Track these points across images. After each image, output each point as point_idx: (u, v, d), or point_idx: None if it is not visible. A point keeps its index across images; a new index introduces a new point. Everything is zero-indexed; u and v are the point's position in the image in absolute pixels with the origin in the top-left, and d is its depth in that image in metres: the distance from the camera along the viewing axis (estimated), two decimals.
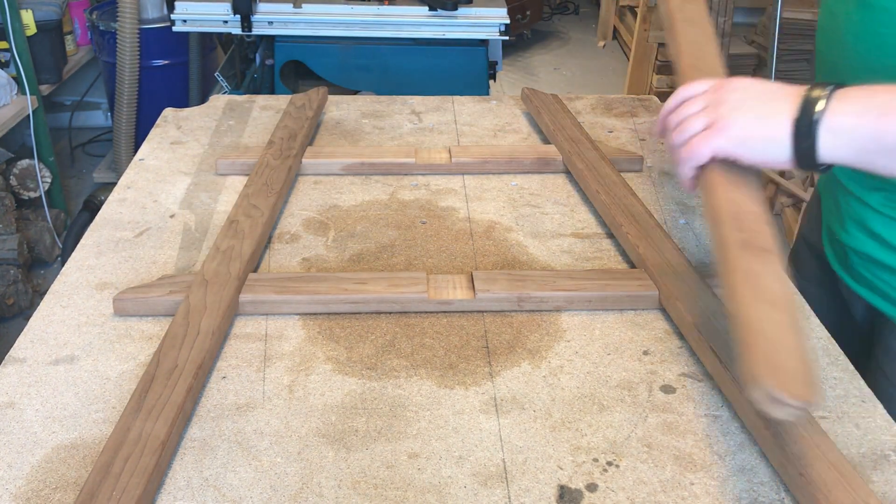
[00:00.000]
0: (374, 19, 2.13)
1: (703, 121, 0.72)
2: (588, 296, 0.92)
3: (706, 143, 0.71)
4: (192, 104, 2.43)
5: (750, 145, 0.70)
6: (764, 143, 0.69)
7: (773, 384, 0.57)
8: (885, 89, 0.67)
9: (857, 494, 0.65)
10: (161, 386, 0.75)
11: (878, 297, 0.97)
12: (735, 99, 0.71)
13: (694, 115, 0.73)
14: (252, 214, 1.04)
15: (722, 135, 0.70)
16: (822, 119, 0.67)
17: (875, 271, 0.96)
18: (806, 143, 0.68)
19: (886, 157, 0.66)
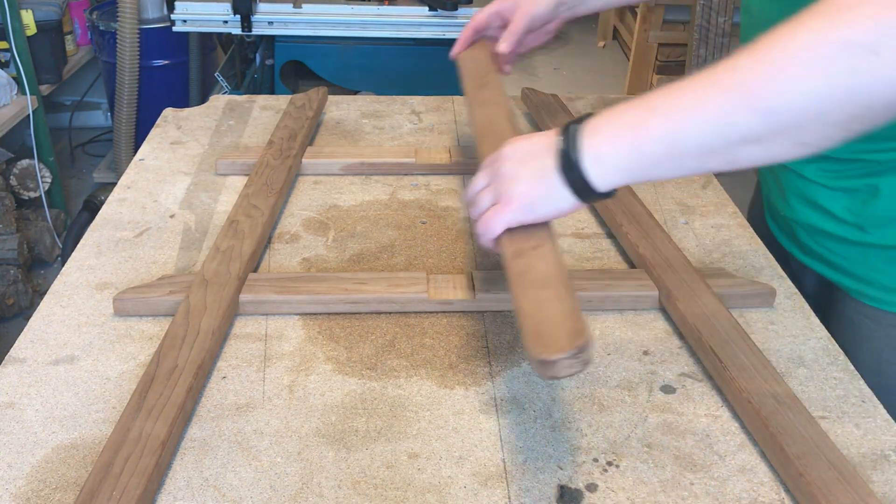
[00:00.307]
0: (374, 19, 2.13)
1: (489, 198, 0.76)
2: (588, 296, 0.92)
3: (498, 219, 0.75)
4: (192, 104, 2.43)
5: (537, 208, 0.73)
6: (548, 201, 0.72)
7: (538, 351, 0.63)
8: (630, 105, 0.68)
9: (856, 494, 0.66)
10: (161, 386, 0.75)
11: (826, 267, 1.01)
12: (508, 170, 0.74)
13: (480, 192, 0.77)
14: (252, 214, 1.04)
15: (508, 209, 0.74)
16: (581, 159, 0.69)
17: (821, 241, 1.00)
18: (580, 184, 0.70)
19: (657, 167, 0.68)
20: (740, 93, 0.62)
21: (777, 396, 0.76)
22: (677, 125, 0.65)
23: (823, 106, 0.59)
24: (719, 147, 0.64)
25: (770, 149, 0.63)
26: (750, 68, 0.61)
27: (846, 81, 0.58)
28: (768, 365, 0.80)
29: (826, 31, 0.58)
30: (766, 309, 0.94)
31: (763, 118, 0.61)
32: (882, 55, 0.56)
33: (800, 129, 0.61)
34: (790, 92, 0.60)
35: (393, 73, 2.21)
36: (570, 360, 0.63)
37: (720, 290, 0.92)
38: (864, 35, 0.57)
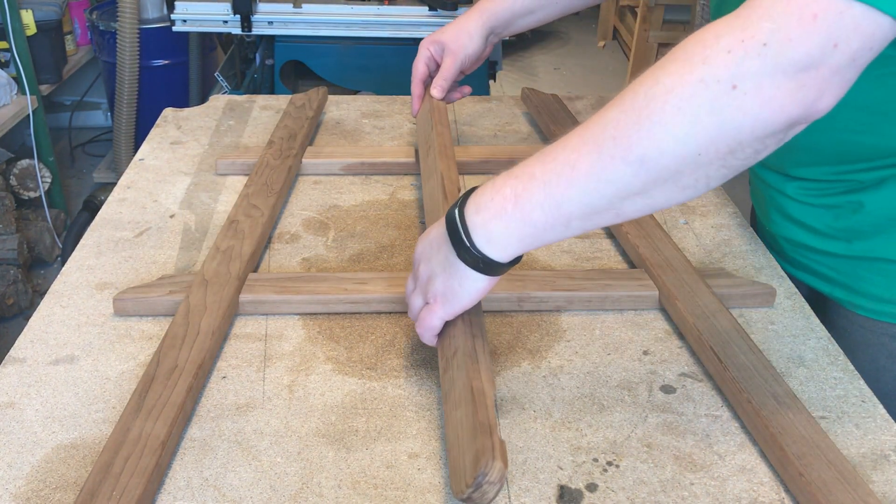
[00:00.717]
0: (374, 19, 2.13)
1: (419, 300, 0.77)
2: (588, 296, 0.92)
3: (431, 319, 0.75)
4: (192, 104, 2.43)
5: (459, 298, 0.73)
6: (463, 289, 0.72)
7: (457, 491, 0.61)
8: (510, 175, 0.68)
9: (856, 494, 0.66)
10: (161, 386, 0.75)
11: (816, 279, 1.02)
12: (424, 271, 0.75)
13: (410, 294, 0.79)
14: (252, 214, 1.04)
15: (437, 306, 0.75)
16: (474, 241, 0.69)
17: (808, 255, 1.01)
18: (483, 264, 0.70)
19: (548, 232, 0.67)
20: (610, 148, 0.61)
21: (777, 396, 0.76)
22: (555, 189, 0.64)
23: (694, 147, 0.59)
24: (602, 205, 0.64)
25: (655, 197, 0.63)
26: (617, 120, 0.61)
27: (711, 120, 0.58)
28: (768, 365, 0.80)
29: (685, 72, 0.59)
30: (766, 309, 0.94)
31: (637, 169, 0.61)
32: (740, 88, 0.57)
33: (678, 174, 0.61)
34: (659, 139, 0.59)
35: (393, 73, 2.20)
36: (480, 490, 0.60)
37: (720, 290, 0.92)
38: (722, 70, 0.57)
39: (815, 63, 0.57)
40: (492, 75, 2.32)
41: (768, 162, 1.02)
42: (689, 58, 0.59)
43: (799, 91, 0.57)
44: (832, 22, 0.56)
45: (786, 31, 0.57)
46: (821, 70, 0.57)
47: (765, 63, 0.57)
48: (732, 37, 0.58)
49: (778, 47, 0.57)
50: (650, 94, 0.60)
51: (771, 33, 0.57)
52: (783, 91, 0.57)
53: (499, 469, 0.59)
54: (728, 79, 0.57)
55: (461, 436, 0.65)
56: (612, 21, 5.06)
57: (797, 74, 0.57)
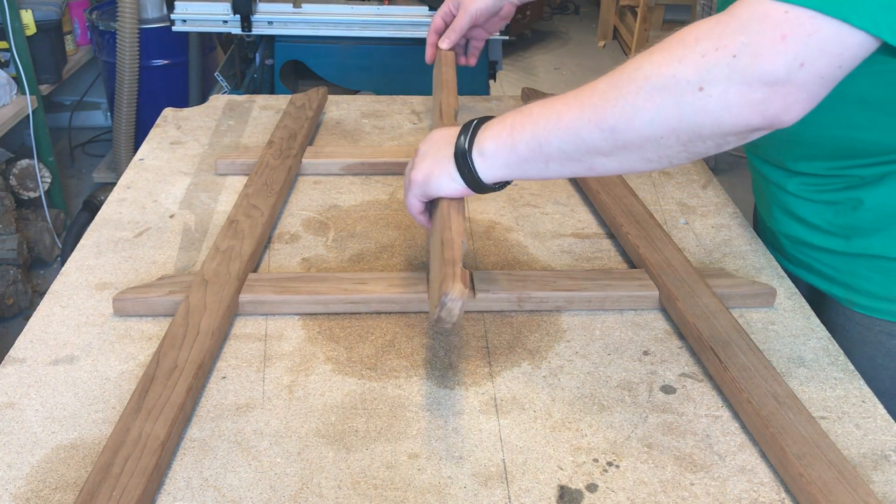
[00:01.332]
0: (374, 19, 2.13)
1: (411, 174, 0.86)
2: (588, 296, 0.92)
3: (411, 192, 0.86)
4: (191, 104, 2.43)
5: (431, 185, 0.83)
6: (440, 181, 0.82)
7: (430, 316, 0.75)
8: (518, 111, 0.78)
9: (856, 494, 0.66)
10: (161, 386, 0.75)
11: (814, 277, 1.02)
12: (422, 152, 0.86)
13: (407, 170, 0.88)
14: (252, 214, 1.04)
15: (413, 184, 0.85)
16: (471, 149, 0.79)
17: (807, 252, 1.02)
18: (466, 171, 0.80)
19: (528, 165, 0.76)
20: (590, 112, 0.70)
21: (777, 396, 0.76)
22: (542, 131, 0.74)
23: (656, 131, 0.67)
24: (575, 155, 0.73)
25: (621, 161, 0.72)
26: (603, 91, 0.70)
27: (673, 113, 0.65)
28: (768, 365, 0.80)
29: (662, 65, 0.65)
30: (766, 309, 0.94)
31: (606, 135, 0.69)
32: (706, 91, 0.63)
33: (640, 148, 0.69)
34: (628, 117, 0.68)
35: (393, 73, 2.20)
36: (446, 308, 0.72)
37: (720, 290, 0.92)
38: (692, 72, 0.63)
39: (781, 80, 0.62)
40: (492, 75, 2.32)
41: (769, 157, 1.03)
42: (671, 53, 0.65)
43: (762, 103, 0.63)
44: (800, 43, 0.61)
45: (755, 46, 0.61)
46: (787, 87, 0.62)
47: (732, 73, 0.62)
48: (709, 42, 0.63)
49: (746, 61, 0.62)
50: (632, 77, 0.68)
51: (742, 47, 0.62)
52: (746, 101, 0.63)
53: (459, 289, 0.71)
54: (696, 80, 0.63)
55: (434, 277, 0.76)
56: (612, 21, 5.06)
57: (762, 87, 0.62)
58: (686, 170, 1.27)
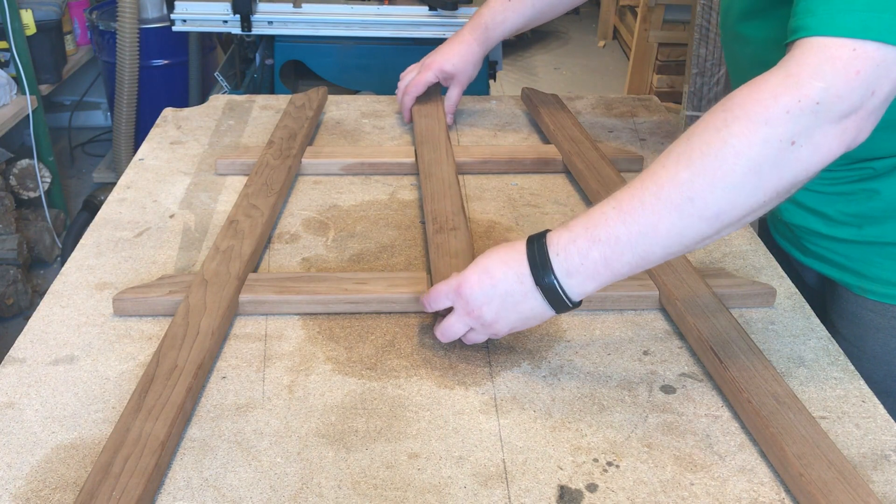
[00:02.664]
0: (374, 19, 2.13)
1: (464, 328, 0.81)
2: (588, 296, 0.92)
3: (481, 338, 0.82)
4: (191, 104, 2.43)
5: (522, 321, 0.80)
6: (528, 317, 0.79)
7: None
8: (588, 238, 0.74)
9: (856, 494, 0.65)
10: (161, 386, 0.75)
11: (827, 266, 1.03)
12: (490, 314, 0.79)
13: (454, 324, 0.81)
14: (252, 214, 1.04)
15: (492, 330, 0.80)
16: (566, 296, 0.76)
17: (819, 242, 1.03)
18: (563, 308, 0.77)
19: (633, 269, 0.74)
20: (689, 209, 0.69)
21: (777, 396, 0.76)
22: (642, 250, 0.72)
23: (762, 198, 0.69)
24: (680, 251, 0.73)
25: (722, 234, 0.73)
26: (692, 182, 0.69)
27: (774, 173, 0.67)
28: (768, 365, 0.80)
29: (750, 133, 0.67)
30: (766, 309, 0.94)
31: (713, 223, 0.70)
32: (798, 143, 0.66)
33: (744, 219, 0.71)
34: (731, 199, 0.68)
35: (393, 73, 2.20)
36: None
37: (720, 289, 0.92)
38: (782, 130, 0.66)
39: (856, 109, 0.66)
40: (492, 75, 2.32)
41: None
42: (752, 118, 0.67)
43: (843, 134, 0.67)
44: (871, 73, 0.66)
45: (835, 89, 0.65)
46: (859, 113, 0.67)
47: (818, 118, 0.66)
48: (790, 97, 0.66)
49: (829, 104, 0.66)
50: (721, 156, 0.68)
51: (822, 91, 0.65)
52: (831, 137, 0.67)
53: None
54: (788, 137, 0.66)
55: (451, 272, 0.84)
56: (612, 21, 5.06)
57: (841, 121, 0.66)
58: None
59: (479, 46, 1.27)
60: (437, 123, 1.28)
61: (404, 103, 1.34)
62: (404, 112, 1.36)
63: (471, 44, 1.27)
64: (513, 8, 1.24)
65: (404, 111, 1.36)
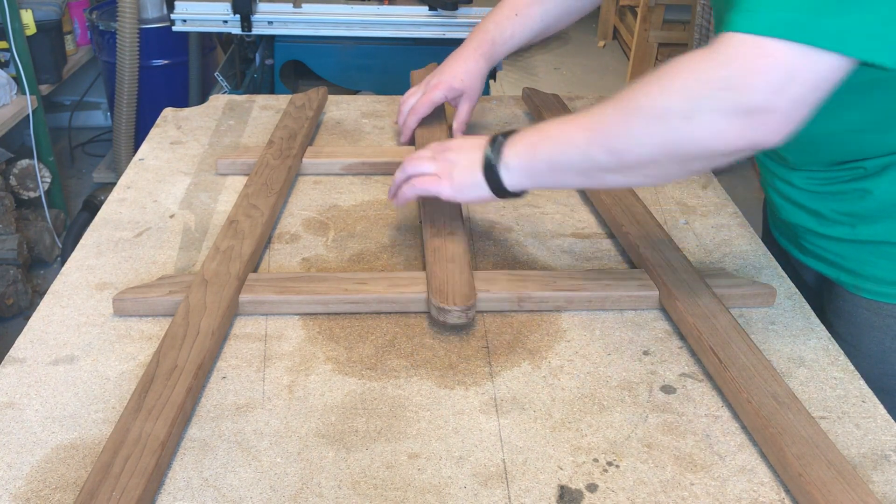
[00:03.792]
0: (374, 19, 2.13)
1: (430, 167, 0.96)
2: (588, 296, 0.92)
3: (434, 186, 0.95)
4: (191, 104, 2.43)
5: (464, 192, 0.93)
6: (472, 189, 0.92)
7: (438, 301, 0.86)
8: (536, 130, 0.87)
9: (855, 494, 0.66)
10: (161, 386, 0.75)
11: (823, 265, 1.04)
12: (452, 157, 0.95)
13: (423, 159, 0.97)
14: (252, 214, 1.04)
15: (446, 184, 0.94)
16: (498, 163, 0.89)
17: (815, 241, 1.04)
18: (494, 181, 0.90)
19: (546, 178, 0.87)
20: (599, 136, 0.79)
21: (777, 396, 0.76)
22: (556, 151, 0.84)
23: (653, 154, 0.75)
24: (586, 170, 0.83)
25: (626, 177, 0.81)
26: (609, 117, 0.79)
27: (667, 138, 0.73)
28: (768, 365, 0.80)
29: (654, 98, 0.74)
30: (766, 309, 0.94)
31: (612, 157, 0.79)
32: (693, 119, 0.70)
33: (642, 168, 0.78)
34: (629, 142, 0.76)
35: (393, 73, 2.20)
36: (458, 313, 0.86)
37: (720, 289, 0.92)
38: (683, 103, 0.71)
39: (760, 108, 0.68)
40: (492, 75, 2.32)
41: (773, 156, 1.05)
42: (665, 84, 0.73)
43: (746, 130, 0.69)
44: (777, 72, 0.67)
45: (734, 79, 0.68)
46: (765, 113, 0.68)
47: (716, 104, 0.69)
48: (694, 76, 0.71)
49: (729, 93, 0.68)
50: (631, 106, 0.76)
51: (725, 80, 0.69)
52: (731, 128, 0.69)
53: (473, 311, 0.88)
54: (686, 111, 0.71)
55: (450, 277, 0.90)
56: (612, 21, 5.06)
57: (743, 116, 0.68)
58: None
59: (485, 62, 1.24)
60: (437, 126, 1.28)
61: (408, 124, 1.27)
62: (405, 133, 1.28)
63: (477, 60, 1.23)
64: (520, 23, 1.22)
65: (405, 132, 1.28)
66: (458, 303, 0.86)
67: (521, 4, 1.22)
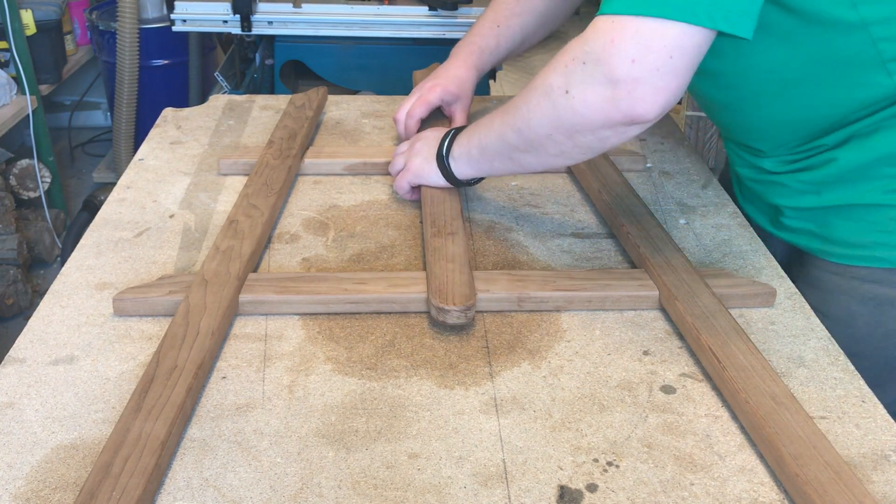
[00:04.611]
0: (374, 19, 2.13)
1: (402, 161, 1.12)
2: (588, 296, 0.92)
3: (403, 178, 1.11)
4: (191, 104, 2.43)
5: (423, 176, 1.08)
6: (429, 175, 1.07)
7: (438, 301, 0.87)
8: (476, 122, 1.00)
9: (852, 495, 0.65)
10: (161, 386, 0.75)
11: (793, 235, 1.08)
12: (416, 149, 1.10)
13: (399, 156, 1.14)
14: (252, 214, 1.04)
15: (408, 173, 1.10)
16: (447, 153, 1.04)
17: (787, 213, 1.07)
18: (446, 170, 1.05)
19: (481, 163, 1.00)
20: (508, 117, 0.90)
21: (775, 397, 0.76)
22: (483, 137, 0.97)
23: (546, 129, 0.86)
24: (506, 153, 0.94)
25: (538, 157, 0.91)
26: (515, 100, 0.89)
27: (552, 112, 0.83)
28: (767, 365, 0.80)
29: (542, 78, 0.84)
30: (766, 309, 0.94)
31: (518, 135, 0.90)
32: (571, 93, 0.80)
33: (542, 145, 0.88)
34: (528, 120, 0.87)
35: (393, 73, 2.20)
36: (458, 313, 0.86)
37: (720, 290, 0.92)
38: (561, 80, 0.81)
39: (622, 77, 0.76)
40: (492, 75, 2.32)
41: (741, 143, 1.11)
42: (551, 65, 0.83)
43: (613, 99, 0.77)
44: (626, 43, 0.75)
45: (595, 52, 0.77)
46: (628, 82, 0.75)
47: (584, 76, 0.79)
48: (569, 54, 0.81)
49: (591, 66, 0.78)
50: (530, 87, 0.87)
51: (586, 54, 0.78)
52: (601, 98, 0.78)
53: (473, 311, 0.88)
54: (564, 86, 0.81)
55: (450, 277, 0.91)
56: None
57: (609, 86, 0.77)
58: (686, 169, 1.27)
59: (475, 72, 1.27)
60: (441, 126, 1.27)
61: (408, 127, 1.25)
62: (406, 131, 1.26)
63: (468, 69, 1.27)
64: (503, 34, 1.27)
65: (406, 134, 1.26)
66: (457, 303, 0.86)
67: (502, 17, 1.27)
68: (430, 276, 0.92)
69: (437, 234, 1.00)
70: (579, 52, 0.79)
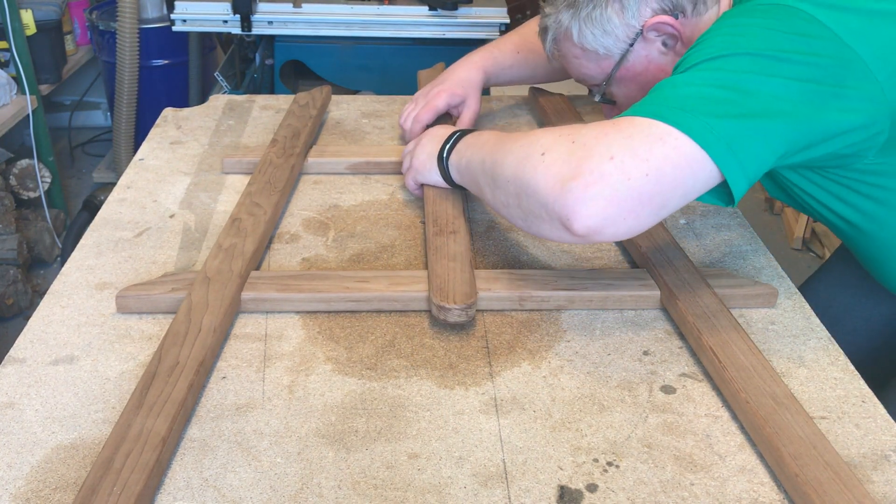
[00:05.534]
0: (374, 19, 2.13)
1: (409, 161, 1.14)
2: (589, 295, 0.92)
3: (409, 176, 1.13)
4: (191, 104, 2.43)
5: (425, 174, 1.10)
6: (429, 174, 1.09)
7: (439, 299, 0.87)
8: (473, 136, 1.02)
9: (852, 495, 0.66)
10: (162, 383, 0.75)
11: None
12: (422, 144, 1.12)
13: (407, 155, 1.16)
14: (255, 213, 1.04)
15: (413, 171, 1.12)
16: (447, 158, 1.05)
17: None
18: (446, 173, 1.06)
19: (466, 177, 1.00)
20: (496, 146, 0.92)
21: (775, 397, 0.76)
22: (473, 154, 0.98)
23: (510, 172, 0.86)
24: (479, 175, 0.95)
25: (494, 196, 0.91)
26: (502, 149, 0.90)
27: (521, 163, 0.84)
28: (768, 365, 0.80)
29: (544, 132, 0.86)
30: (766, 309, 0.94)
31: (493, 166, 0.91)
32: (545, 156, 0.81)
33: (501, 186, 0.88)
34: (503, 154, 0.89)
35: (393, 73, 2.20)
36: (459, 312, 0.87)
37: (722, 290, 0.92)
38: (547, 142, 0.83)
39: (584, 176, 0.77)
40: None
41: None
42: (558, 128, 0.86)
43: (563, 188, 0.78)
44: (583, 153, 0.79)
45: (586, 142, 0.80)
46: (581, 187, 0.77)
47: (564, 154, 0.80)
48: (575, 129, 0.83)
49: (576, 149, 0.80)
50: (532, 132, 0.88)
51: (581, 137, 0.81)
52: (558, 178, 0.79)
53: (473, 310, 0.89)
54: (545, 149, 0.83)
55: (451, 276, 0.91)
56: None
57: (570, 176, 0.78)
58: None
59: (484, 75, 1.29)
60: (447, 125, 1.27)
61: (413, 132, 1.24)
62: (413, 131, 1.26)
63: (478, 71, 1.29)
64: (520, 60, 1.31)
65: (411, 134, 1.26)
66: (458, 301, 0.86)
67: (524, 47, 1.31)
68: (431, 275, 0.92)
69: (438, 232, 1.00)
70: (579, 134, 0.81)
